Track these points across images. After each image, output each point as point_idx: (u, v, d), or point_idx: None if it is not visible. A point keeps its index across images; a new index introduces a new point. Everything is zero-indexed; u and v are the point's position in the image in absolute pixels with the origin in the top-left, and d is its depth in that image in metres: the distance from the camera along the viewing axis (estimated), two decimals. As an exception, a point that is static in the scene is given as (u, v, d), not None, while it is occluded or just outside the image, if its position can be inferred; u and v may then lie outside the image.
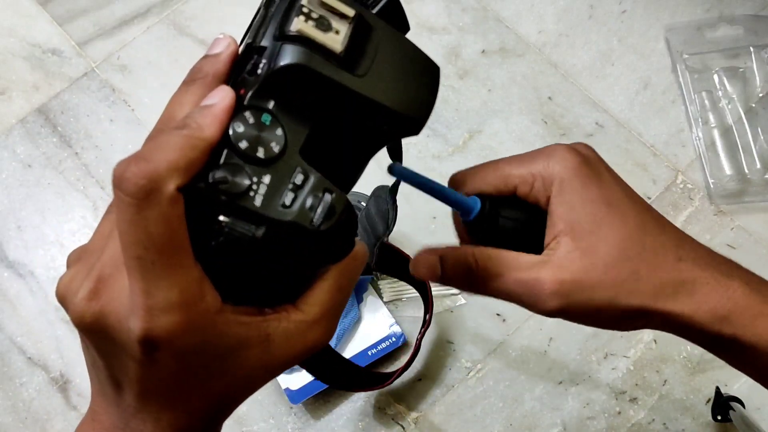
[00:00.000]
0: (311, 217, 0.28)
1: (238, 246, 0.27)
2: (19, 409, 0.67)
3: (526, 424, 0.66)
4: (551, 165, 0.37)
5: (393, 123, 0.31)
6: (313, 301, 0.31)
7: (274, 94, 0.29)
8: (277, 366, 0.31)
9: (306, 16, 0.29)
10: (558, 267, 0.35)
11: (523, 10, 0.84)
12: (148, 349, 0.27)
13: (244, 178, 0.27)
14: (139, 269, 0.26)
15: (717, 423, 0.65)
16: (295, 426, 0.66)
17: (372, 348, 0.67)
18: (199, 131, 0.27)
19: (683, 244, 0.37)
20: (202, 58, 0.31)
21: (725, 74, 0.77)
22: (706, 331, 0.35)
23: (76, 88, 0.81)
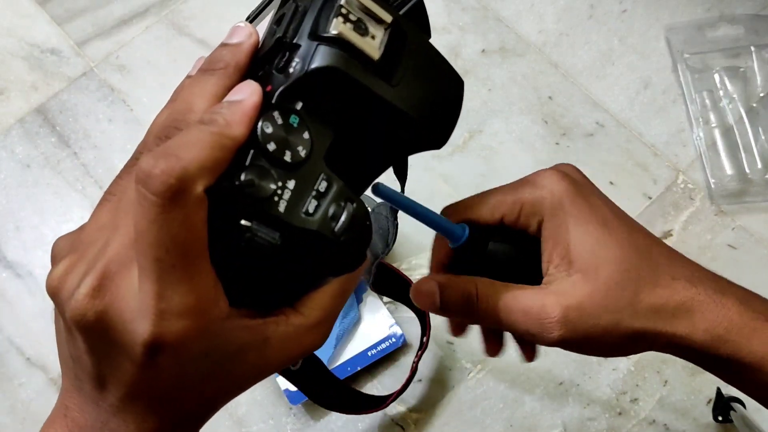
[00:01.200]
0: (333, 227, 0.27)
1: (259, 252, 0.26)
2: (18, 410, 0.67)
3: (526, 425, 0.65)
4: (539, 191, 0.36)
5: (419, 135, 0.30)
6: (315, 305, 0.30)
7: (304, 95, 0.28)
8: (271, 369, 0.30)
9: (345, 17, 0.27)
10: (561, 294, 0.35)
11: (523, 9, 0.83)
12: (151, 353, 0.26)
13: (269, 182, 0.26)
14: (156, 271, 0.25)
15: (718, 424, 0.65)
16: (294, 427, 0.66)
17: (372, 348, 0.67)
18: (228, 129, 0.26)
19: (675, 262, 0.36)
20: (221, 47, 0.30)
21: (726, 74, 0.77)
22: (703, 352, 0.35)
23: (75, 88, 0.81)
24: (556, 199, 0.36)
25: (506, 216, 0.37)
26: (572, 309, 0.34)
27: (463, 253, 0.38)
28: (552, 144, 0.76)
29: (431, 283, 0.38)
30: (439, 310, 0.38)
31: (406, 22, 0.30)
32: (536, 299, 0.35)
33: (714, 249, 0.72)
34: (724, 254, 0.71)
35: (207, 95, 0.28)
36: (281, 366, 0.30)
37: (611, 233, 0.35)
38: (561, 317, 0.34)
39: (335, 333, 0.66)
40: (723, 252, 0.71)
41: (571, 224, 0.35)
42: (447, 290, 0.37)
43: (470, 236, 0.37)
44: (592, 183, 0.38)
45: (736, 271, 0.70)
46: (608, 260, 0.35)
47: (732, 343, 0.34)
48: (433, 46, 0.31)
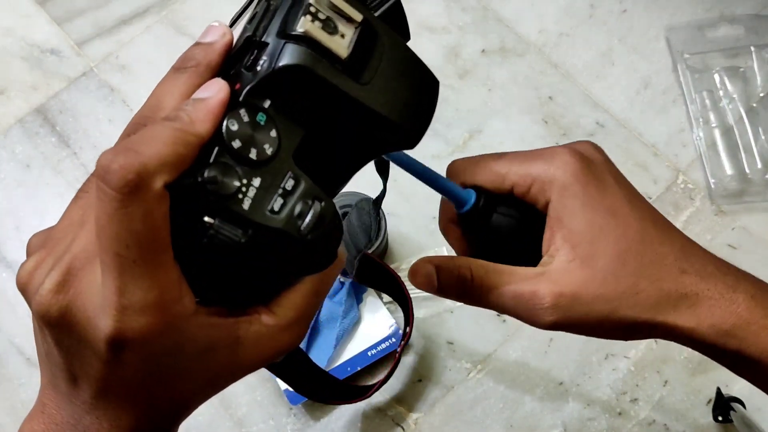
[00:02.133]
0: (299, 225, 0.27)
1: (222, 249, 0.26)
2: (17, 410, 0.67)
3: (526, 425, 0.65)
4: (552, 169, 0.36)
5: (390, 134, 0.30)
6: (288, 304, 0.30)
7: (272, 93, 0.28)
8: (245, 368, 0.30)
9: (313, 16, 0.27)
10: (556, 279, 0.34)
11: (524, 9, 0.83)
12: (115, 349, 0.26)
13: (234, 179, 0.26)
14: (116, 267, 0.25)
15: (718, 424, 0.65)
16: (294, 427, 0.66)
17: (372, 348, 0.67)
18: (192, 126, 0.26)
19: (687, 255, 0.36)
20: (194, 45, 0.30)
21: (726, 74, 0.77)
22: (708, 344, 0.34)
23: (75, 88, 0.81)
24: (566, 180, 0.35)
25: (516, 187, 0.37)
26: (564, 296, 0.34)
27: (468, 219, 0.38)
28: (552, 144, 0.76)
29: (428, 266, 0.37)
30: (437, 291, 0.37)
31: (379, 22, 0.30)
32: (529, 284, 0.35)
33: (714, 249, 0.71)
34: (724, 254, 0.70)
35: (176, 93, 0.28)
36: (256, 366, 0.30)
37: (618, 222, 0.35)
38: (552, 304, 0.34)
39: (335, 333, 0.66)
40: (723, 252, 0.71)
41: (578, 209, 0.35)
42: (443, 273, 0.37)
43: (476, 203, 0.37)
44: (612, 163, 0.38)
45: (736, 271, 0.70)
46: (608, 248, 0.34)
47: (739, 339, 0.34)
48: (407, 46, 0.31)
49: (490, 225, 0.37)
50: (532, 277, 0.35)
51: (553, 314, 0.34)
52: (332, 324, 0.67)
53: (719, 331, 0.34)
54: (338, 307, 0.67)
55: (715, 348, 0.34)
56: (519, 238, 0.37)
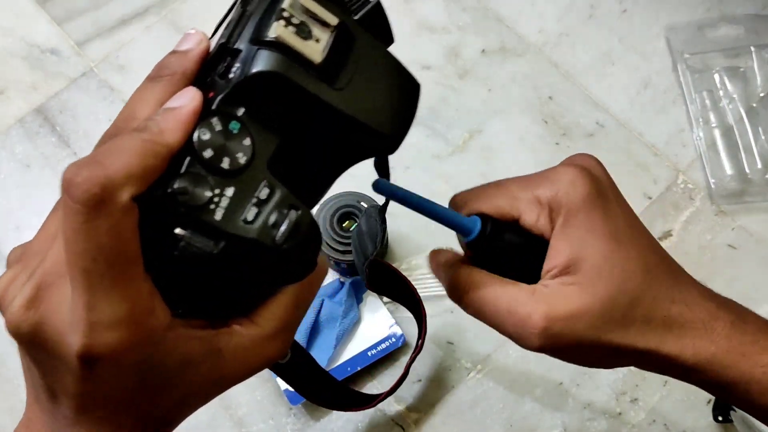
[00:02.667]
0: (273, 235, 0.26)
1: (194, 261, 0.25)
2: (17, 411, 0.66)
3: (526, 426, 0.65)
4: (559, 194, 0.35)
5: (368, 140, 0.30)
6: (270, 315, 0.29)
7: (246, 100, 0.27)
8: (228, 381, 0.29)
9: (286, 21, 0.27)
10: (551, 305, 0.34)
11: (524, 9, 0.83)
12: (87, 365, 0.25)
13: (205, 189, 0.25)
14: (84, 281, 0.24)
15: (718, 424, 0.65)
16: (294, 427, 0.66)
17: (372, 348, 0.67)
18: (160, 136, 0.25)
19: (678, 283, 0.36)
20: (170, 54, 0.30)
21: (726, 74, 0.77)
22: (690, 372, 0.35)
23: (75, 88, 0.81)
24: (572, 207, 0.35)
25: (523, 215, 0.36)
26: (558, 321, 0.34)
27: (476, 248, 0.37)
28: (552, 144, 0.76)
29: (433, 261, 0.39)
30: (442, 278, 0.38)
31: (357, 26, 0.29)
32: (525, 306, 0.34)
33: (714, 249, 0.71)
34: (724, 254, 0.71)
35: (151, 103, 0.28)
36: (240, 378, 0.30)
37: (620, 250, 0.35)
38: (544, 329, 0.34)
39: (335, 333, 0.66)
40: (723, 252, 0.71)
41: (581, 236, 0.34)
42: (452, 273, 0.37)
43: (482, 230, 0.36)
44: (613, 182, 0.37)
45: (736, 271, 0.70)
46: (610, 279, 0.34)
47: (720, 367, 0.34)
48: (386, 50, 0.30)
49: (497, 253, 0.37)
50: (528, 298, 0.35)
51: (542, 339, 0.34)
52: (332, 324, 0.67)
53: (701, 360, 0.34)
54: (338, 307, 0.67)
55: (696, 376, 0.35)
56: (526, 264, 0.37)
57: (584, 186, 0.35)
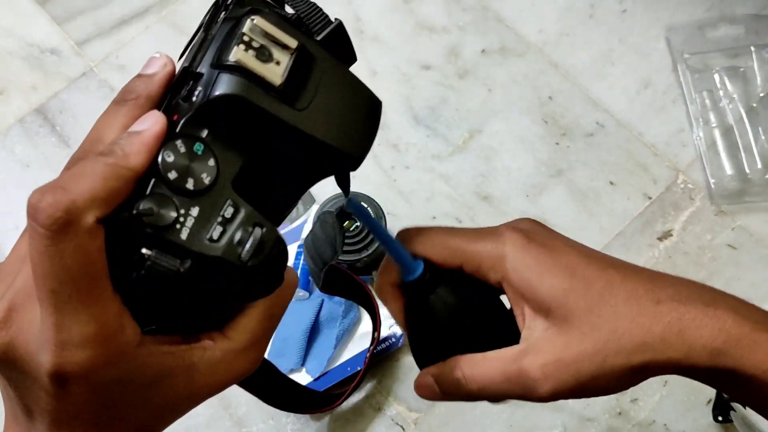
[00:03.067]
0: (239, 253, 0.27)
1: (161, 279, 0.26)
2: (17, 410, 0.66)
3: (526, 426, 0.65)
4: (500, 246, 0.36)
5: (330, 158, 0.30)
6: (242, 329, 0.30)
7: (209, 122, 0.28)
8: (202, 395, 0.30)
9: (246, 45, 0.28)
10: (537, 351, 0.34)
11: (524, 9, 0.83)
12: (59, 384, 0.26)
13: (170, 209, 0.26)
14: (52, 303, 0.25)
15: (718, 424, 0.64)
16: (294, 427, 0.66)
17: (372, 349, 0.67)
18: (125, 160, 0.26)
19: (657, 284, 0.35)
20: (136, 77, 0.30)
21: (726, 74, 0.77)
22: (701, 367, 0.34)
23: (75, 88, 0.81)
24: (516, 255, 0.35)
25: (465, 265, 0.37)
26: (550, 364, 0.34)
27: (411, 290, 0.38)
28: (552, 144, 0.76)
29: (428, 378, 0.38)
30: (443, 398, 0.38)
31: (318, 47, 0.30)
32: (514, 364, 0.35)
33: (714, 249, 0.71)
34: (724, 254, 0.71)
35: (117, 126, 0.29)
36: (214, 391, 0.30)
37: (579, 279, 0.35)
38: (541, 375, 0.34)
39: (335, 333, 0.66)
40: (723, 252, 0.71)
41: (536, 278, 0.35)
42: (441, 379, 0.37)
43: (422, 276, 0.37)
44: (550, 230, 0.38)
45: (736, 271, 0.70)
46: (579, 307, 0.34)
47: (732, 357, 0.33)
48: (347, 70, 0.31)
49: (430, 300, 0.37)
50: (515, 355, 0.35)
51: (545, 385, 0.34)
52: (332, 324, 0.67)
53: (710, 351, 0.33)
54: (338, 307, 0.67)
55: (707, 370, 0.34)
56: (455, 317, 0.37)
57: (522, 238, 0.36)
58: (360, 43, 0.82)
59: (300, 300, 0.68)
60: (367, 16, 0.83)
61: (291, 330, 0.66)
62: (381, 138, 0.77)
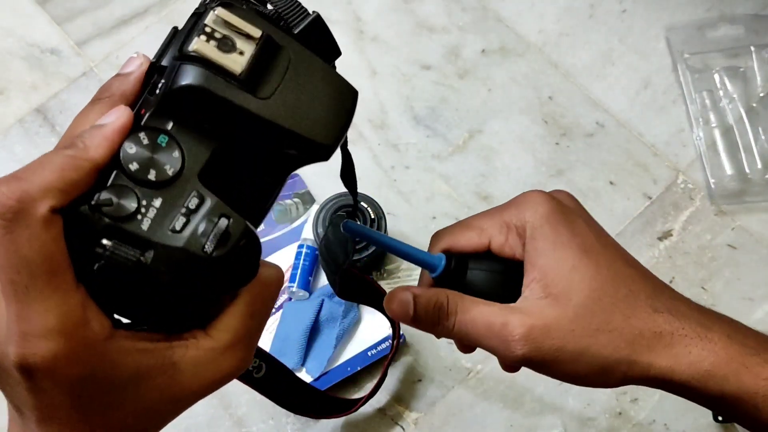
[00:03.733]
0: (202, 243, 0.27)
1: (122, 271, 0.26)
2: (17, 410, 0.66)
3: (526, 425, 0.65)
4: (523, 212, 0.36)
5: (298, 148, 0.30)
6: (223, 327, 0.29)
7: (173, 114, 0.28)
8: (188, 396, 0.29)
9: (208, 36, 0.28)
10: (528, 313, 0.34)
11: (524, 9, 0.83)
12: (28, 376, 0.25)
13: (131, 200, 0.26)
14: (13, 293, 0.25)
15: (718, 423, 0.65)
16: (294, 427, 0.66)
17: (371, 349, 0.67)
18: (85, 152, 0.26)
19: (659, 294, 0.35)
20: (113, 77, 0.31)
21: (726, 74, 0.77)
22: (688, 386, 0.34)
23: (75, 88, 0.81)
24: (536, 222, 0.36)
25: (493, 240, 0.37)
26: (536, 329, 0.34)
27: (442, 283, 0.38)
28: (552, 144, 0.76)
29: (406, 293, 0.37)
30: (411, 320, 0.37)
31: (287, 38, 0.30)
32: (500, 316, 0.35)
33: (714, 249, 0.71)
34: (724, 254, 0.71)
35: (89, 124, 0.29)
36: (201, 393, 0.29)
37: (590, 260, 0.35)
38: (523, 335, 0.34)
39: (335, 333, 0.66)
40: (723, 252, 0.71)
41: (549, 248, 0.35)
42: (420, 301, 0.37)
43: (446, 266, 0.37)
44: (584, 209, 0.38)
45: (736, 271, 0.70)
46: (581, 287, 0.34)
47: (720, 379, 0.33)
48: (317, 58, 0.31)
49: (464, 284, 0.38)
50: (505, 310, 0.35)
51: (524, 347, 0.34)
52: (332, 324, 0.67)
53: (698, 372, 0.33)
54: (338, 307, 0.67)
55: (695, 390, 0.34)
56: (495, 289, 0.37)
57: (548, 205, 0.36)
58: (360, 43, 0.82)
59: (300, 300, 0.68)
60: (367, 16, 0.83)
61: (291, 330, 0.66)
62: (381, 138, 0.77)
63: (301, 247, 0.69)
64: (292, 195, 0.73)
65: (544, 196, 0.37)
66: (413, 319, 0.37)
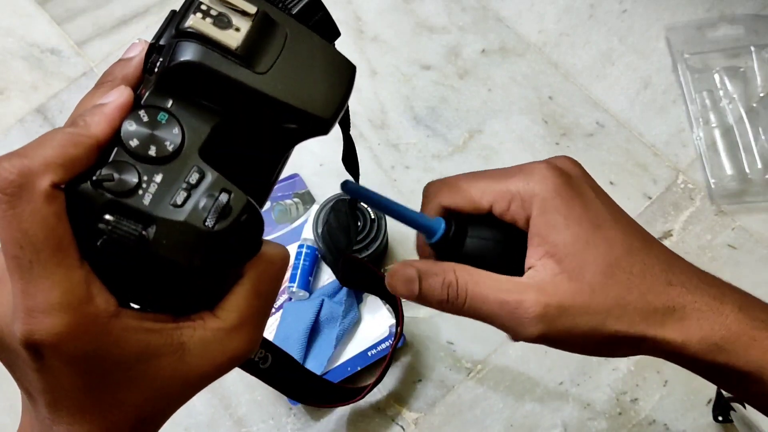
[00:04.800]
0: (204, 217, 0.27)
1: (124, 246, 0.26)
2: (18, 410, 0.66)
3: (526, 425, 0.65)
4: (531, 184, 0.35)
5: (297, 121, 0.30)
6: (230, 307, 0.29)
7: (173, 92, 0.28)
8: (197, 378, 0.29)
9: (204, 13, 0.28)
10: (542, 290, 0.34)
11: (524, 9, 0.83)
12: (35, 355, 0.25)
13: (132, 176, 0.27)
14: (17, 269, 0.25)
15: (718, 424, 0.65)
16: (294, 427, 0.66)
17: (372, 348, 0.67)
18: (85, 129, 0.27)
19: (672, 267, 0.35)
20: (116, 62, 0.31)
21: (726, 74, 0.77)
22: (698, 359, 0.34)
23: (75, 88, 0.81)
24: (546, 195, 0.35)
25: (495, 205, 0.36)
26: (552, 307, 0.33)
27: (440, 249, 0.37)
28: (552, 144, 0.76)
29: (410, 269, 0.36)
30: (416, 298, 0.36)
31: (283, 16, 0.30)
32: (514, 293, 0.34)
33: (714, 249, 0.71)
34: (724, 254, 0.71)
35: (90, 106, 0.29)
36: (210, 375, 0.29)
37: (603, 234, 0.34)
38: (539, 314, 0.33)
39: (335, 333, 0.66)
40: (723, 252, 0.71)
41: (561, 222, 0.34)
42: (426, 277, 0.36)
43: (446, 232, 0.36)
44: (590, 177, 0.37)
45: (736, 271, 0.70)
46: (596, 262, 0.34)
47: (729, 352, 0.33)
48: (313, 34, 0.31)
49: (464, 251, 0.36)
50: (518, 286, 0.34)
51: (539, 325, 0.34)
52: (332, 324, 0.67)
53: (709, 345, 0.33)
54: (338, 307, 0.67)
55: (703, 363, 0.34)
56: (496, 259, 0.36)
57: (556, 178, 0.35)
58: (360, 43, 0.82)
59: (300, 300, 0.68)
60: (367, 16, 0.83)
61: (291, 330, 0.66)
62: (381, 138, 0.77)
63: (301, 247, 0.69)
64: (292, 195, 0.73)
65: (551, 168, 0.35)
66: (418, 297, 0.36)
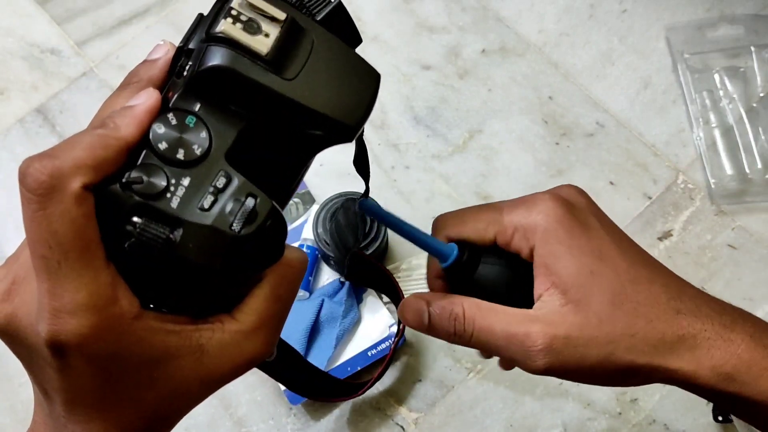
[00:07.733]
0: (231, 221, 0.27)
1: (151, 249, 0.26)
2: (17, 410, 0.66)
3: (526, 425, 0.65)
4: (533, 215, 0.35)
5: (323, 128, 0.31)
6: (249, 310, 0.30)
7: (201, 96, 0.29)
8: (215, 379, 0.29)
9: (234, 18, 0.29)
10: (549, 322, 0.34)
11: (524, 9, 0.83)
12: (58, 354, 0.26)
13: (160, 179, 0.27)
14: (44, 269, 0.25)
15: (718, 424, 0.65)
16: (294, 427, 0.66)
17: (372, 348, 0.67)
18: (115, 131, 0.27)
19: (681, 294, 0.35)
20: (141, 63, 0.31)
21: (726, 74, 0.77)
22: (708, 388, 0.33)
23: (75, 88, 0.81)
24: (548, 226, 0.35)
25: (499, 236, 0.37)
26: (558, 339, 0.33)
27: (452, 274, 0.38)
28: (552, 144, 0.76)
29: (420, 302, 0.37)
30: (426, 329, 0.37)
31: (310, 21, 0.31)
32: (521, 326, 0.34)
33: (714, 249, 0.71)
34: (724, 254, 0.71)
35: (119, 107, 0.29)
36: (227, 376, 0.30)
37: (608, 264, 0.34)
38: (545, 347, 0.33)
39: (335, 333, 0.66)
40: (723, 252, 0.71)
41: (564, 253, 0.34)
42: (434, 310, 0.37)
43: (458, 257, 0.37)
44: (596, 206, 0.37)
45: (736, 271, 0.70)
46: (602, 291, 0.34)
47: (740, 383, 0.33)
48: (340, 42, 0.31)
49: (475, 277, 0.37)
50: (526, 318, 0.34)
51: (546, 357, 0.34)
52: (332, 324, 0.67)
53: (720, 374, 0.33)
54: (338, 307, 0.67)
55: (715, 392, 0.34)
56: (506, 286, 0.37)
57: (559, 208, 0.35)
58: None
59: (300, 300, 0.68)
60: (367, 16, 0.83)
61: (291, 330, 0.66)
62: (381, 138, 0.77)
63: (301, 247, 0.69)
64: (292, 195, 0.73)
65: (554, 198, 0.36)
66: (428, 328, 0.37)
